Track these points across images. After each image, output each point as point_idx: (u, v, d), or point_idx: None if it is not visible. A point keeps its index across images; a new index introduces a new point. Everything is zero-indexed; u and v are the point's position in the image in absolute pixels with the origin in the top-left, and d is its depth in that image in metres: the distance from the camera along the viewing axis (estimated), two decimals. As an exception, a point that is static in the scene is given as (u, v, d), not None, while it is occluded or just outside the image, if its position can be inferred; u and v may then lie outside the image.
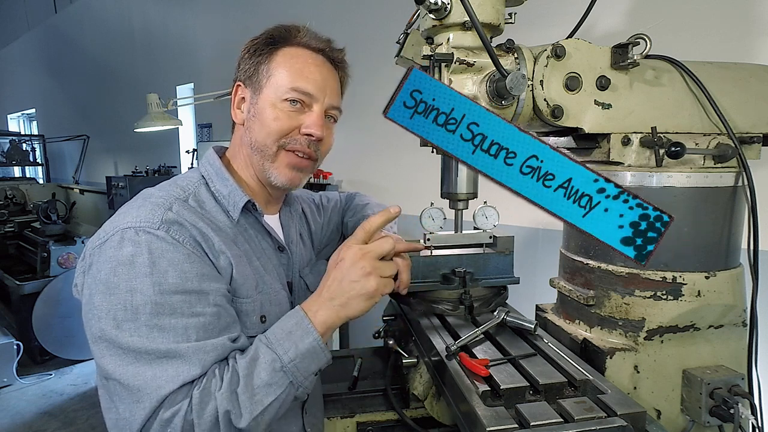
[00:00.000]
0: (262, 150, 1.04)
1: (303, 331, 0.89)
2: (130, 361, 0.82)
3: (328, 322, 0.91)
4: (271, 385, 0.85)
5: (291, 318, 0.92)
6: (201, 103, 4.60)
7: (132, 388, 0.81)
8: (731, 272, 1.08)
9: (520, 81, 0.91)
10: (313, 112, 1.04)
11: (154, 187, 1.01)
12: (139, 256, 0.85)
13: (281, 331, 0.90)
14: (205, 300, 0.88)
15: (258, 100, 1.04)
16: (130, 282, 0.84)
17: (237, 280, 0.97)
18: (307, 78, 1.03)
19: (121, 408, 0.83)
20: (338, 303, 0.92)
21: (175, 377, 0.81)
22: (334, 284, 0.93)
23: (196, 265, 0.89)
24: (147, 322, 0.82)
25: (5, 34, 11.92)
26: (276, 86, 1.02)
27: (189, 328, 0.85)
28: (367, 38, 3.24)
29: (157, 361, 0.82)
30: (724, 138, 1.04)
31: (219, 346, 0.87)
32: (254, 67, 1.05)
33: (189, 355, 0.83)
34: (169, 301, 0.84)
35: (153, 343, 0.82)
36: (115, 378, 0.82)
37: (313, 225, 1.35)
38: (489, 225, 1.34)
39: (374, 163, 3.59)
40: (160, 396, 0.80)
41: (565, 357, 1.02)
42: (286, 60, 1.03)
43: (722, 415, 0.99)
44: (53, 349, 4.22)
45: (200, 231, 0.93)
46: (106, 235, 0.90)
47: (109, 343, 0.83)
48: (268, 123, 1.02)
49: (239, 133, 1.09)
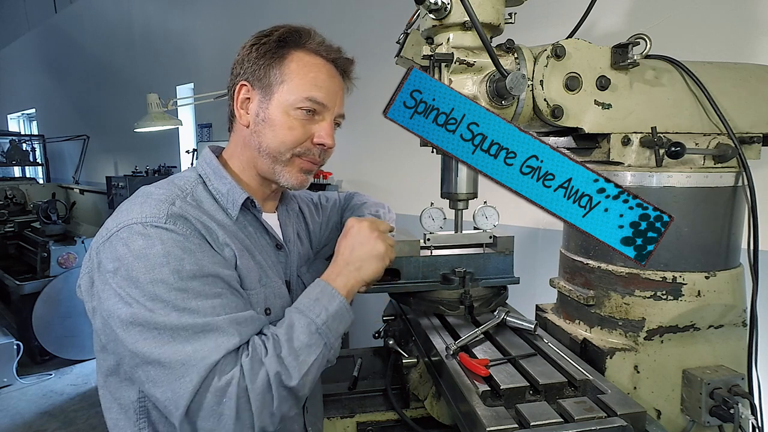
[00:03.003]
0: (275, 156, 1.04)
1: (329, 296, 0.96)
2: (166, 340, 0.82)
3: (348, 285, 0.99)
4: (311, 346, 0.90)
5: (315, 288, 0.99)
6: (201, 103, 4.60)
7: (174, 364, 0.81)
8: (731, 272, 1.08)
9: (520, 81, 0.91)
10: (325, 121, 1.05)
11: (151, 186, 1.01)
12: (151, 247, 0.85)
13: (308, 299, 0.96)
14: (223, 283, 0.91)
15: (269, 105, 1.03)
16: (150, 273, 0.84)
17: (241, 272, 0.98)
18: (321, 88, 1.03)
19: (160, 392, 0.83)
20: (353, 267, 1.01)
21: (218, 347, 0.83)
22: (346, 251, 1.02)
23: (207, 254, 0.91)
24: (176, 307, 0.83)
25: (5, 34, 11.91)
26: (289, 93, 1.02)
27: (216, 306, 0.87)
28: (367, 38, 3.24)
29: (195, 336, 0.83)
30: (724, 138, 1.04)
31: (249, 318, 0.91)
32: (264, 70, 1.03)
33: (225, 326, 0.85)
34: (191, 285, 0.85)
35: (189, 319, 0.83)
36: (154, 359, 0.82)
37: (311, 224, 1.35)
38: (489, 225, 1.34)
39: (374, 163, 3.59)
40: (207, 365, 0.81)
41: (565, 357, 1.02)
42: (300, 67, 1.03)
43: (722, 415, 0.99)
44: (53, 349, 4.22)
45: (204, 225, 0.94)
46: (108, 232, 0.90)
47: (143, 327, 0.83)
48: (283, 132, 1.02)
49: (241, 134, 1.08)
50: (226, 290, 0.90)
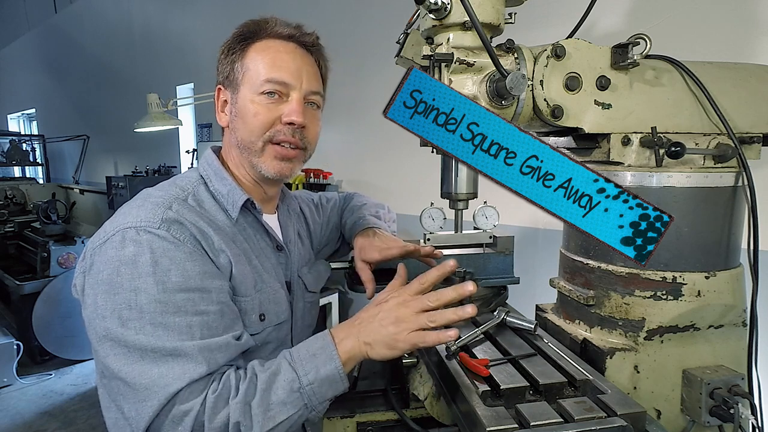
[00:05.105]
0: (248, 147, 1.04)
1: (327, 356, 0.88)
2: (135, 359, 0.82)
3: (351, 352, 0.90)
4: (286, 404, 0.84)
5: (318, 340, 0.91)
6: (201, 103, 4.60)
7: (138, 386, 0.81)
8: (731, 272, 1.07)
9: (520, 81, 0.91)
10: (292, 99, 1.03)
11: (153, 188, 1.01)
12: (141, 255, 0.85)
13: (306, 351, 0.89)
14: (209, 298, 0.89)
15: (237, 99, 1.04)
16: (134, 281, 0.84)
17: (236, 278, 0.97)
18: (281, 67, 1.02)
19: (126, 408, 0.83)
20: (364, 340, 0.89)
21: (182, 375, 0.82)
22: (367, 320, 0.91)
23: (198, 263, 0.90)
24: (152, 321, 0.83)
25: (5, 34, 11.91)
26: (251, 81, 1.02)
27: (193, 326, 0.85)
28: (367, 38, 3.24)
29: (163, 359, 0.82)
30: (724, 138, 1.04)
31: (223, 344, 0.88)
32: (229, 67, 1.05)
33: (194, 353, 0.83)
34: (172, 299, 0.84)
35: (159, 341, 0.82)
36: (121, 377, 0.82)
37: (312, 225, 1.35)
38: (489, 225, 1.34)
39: (374, 163, 3.59)
40: (168, 394, 0.80)
41: (565, 357, 1.02)
42: (257, 54, 1.03)
43: (722, 415, 0.99)
44: (53, 349, 4.21)
45: (200, 229, 0.94)
46: (106, 235, 0.90)
47: (114, 342, 0.83)
48: (250, 120, 1.02)
49: (228, 136, 1.10)
50: (210, 306, 0.88)
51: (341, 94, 3.23)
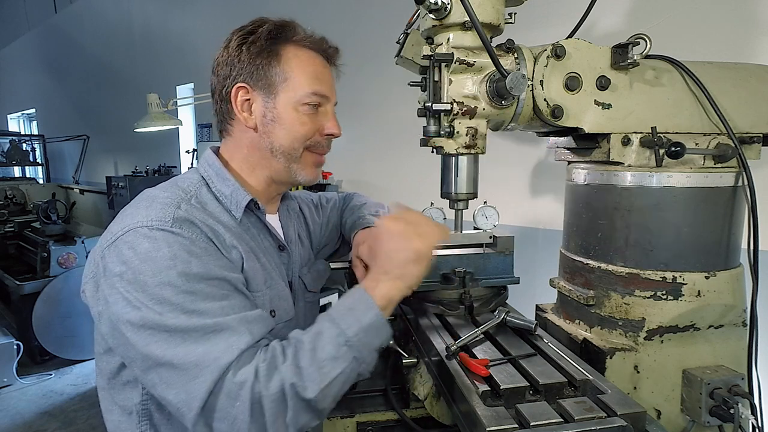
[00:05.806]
0: (288, 153, 1.05)
1: (365, 306, 0.89)
2: (178, 341, 0.81)
3: (388, 295, 0.91)
4: (337, 359, 0.84)
5: (352, 295, 0.92)
6: (201, 103, 4.60)
7: (187, 365, 0.80)
8: (731, 272, 1.07)
9: (520, 81, 0.91)
10: (328, 112, 1.08)
11: (154, 188, 1.00)
12: (158, 250, 0.85)
13: (343, 307, 0.90)
14: (230, 286, 0.90)
15: (276, 104, 1.03)
16: (157, 276, 0.83)
17: (248, 273, 0.98)
18: (322, 81, 1.06)
19: (172, 394, 0.82)
20: (394, 275, 0.92)
21: (229, 347, 0.82)
22: (384, 258, 0.94)
23: (213, 257, 0.90)
24: (184, 310, 0.83)
25: (5, 34, 11.90)
26: (294, 90, 1.03)
27: (225, 307, 0.86)
28: (367, 38, 3.24)
29: (206, 337, 0.82)
30: (724, 138, 1.04)
31: (259, 317, 0.89)
32: (263, 69, 1.02)
33: (235, 325, 0.84)
34: (198, 288, 0.85)
35: (199, 321, 0.82)
36: (166, 361, 0.81)
37: (311, 225, 1.35)
38: (489, 225, 1.34)
39: (374, 163, 3.59)
40: (220, 367, 0.80)
41: (565, 357, 1.02)
42: (299, 63, 1.04)
43: (722, 415, 0.99)
44: (53, 349, 4.21)
45: (210, 227, 0.94)
46: (114, 235, 0.89)
47: (154, 330, 0.82)
48: (296, 128, 1.04)
49: (245, 136, 1.06)
50: (233, 292, 0.90)
51: (341, 94, 3.22)
